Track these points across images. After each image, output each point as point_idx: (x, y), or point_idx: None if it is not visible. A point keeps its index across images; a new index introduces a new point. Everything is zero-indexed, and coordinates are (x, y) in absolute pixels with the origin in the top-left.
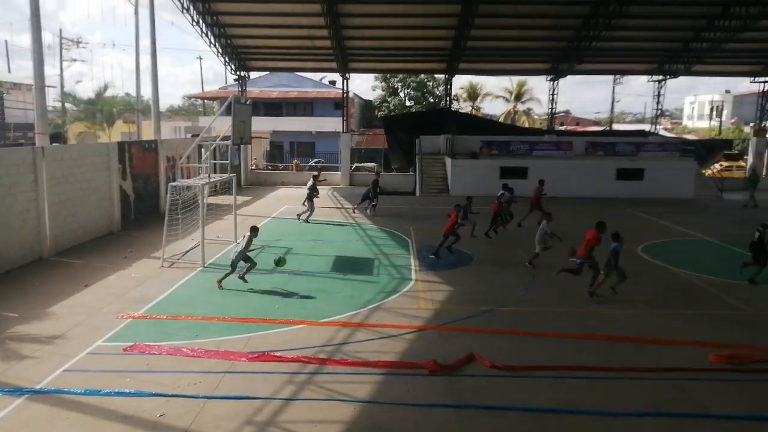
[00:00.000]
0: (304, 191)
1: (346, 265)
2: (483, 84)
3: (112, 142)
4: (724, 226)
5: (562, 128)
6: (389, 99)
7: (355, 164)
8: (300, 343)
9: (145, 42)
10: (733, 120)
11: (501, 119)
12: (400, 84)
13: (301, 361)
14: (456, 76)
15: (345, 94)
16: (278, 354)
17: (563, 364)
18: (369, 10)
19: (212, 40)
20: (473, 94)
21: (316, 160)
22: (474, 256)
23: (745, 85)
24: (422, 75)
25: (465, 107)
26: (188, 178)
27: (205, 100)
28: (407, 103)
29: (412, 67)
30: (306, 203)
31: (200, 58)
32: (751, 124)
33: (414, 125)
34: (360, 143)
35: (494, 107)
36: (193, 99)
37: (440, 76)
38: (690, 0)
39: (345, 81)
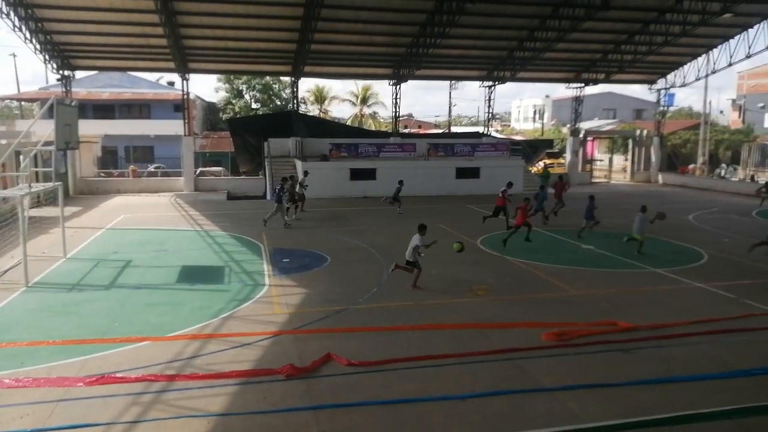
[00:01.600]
0: (144, 199)
1: (194, 275)
2: (330, 87)
3: None
4: (549, 217)
5: (406, 131)
6: (234, 101)
7: (200, 169)
8: (145, 361)
9: None
10: (553, 122)
11: (349, 122)
12: (245, 86)
13: (147, 379)
14: (302, 78)
15: (185, 96)
16: (120, 375)
17: (414, 354)
18: (208, 8)
19: (28, 36)
20: (320, 97)
21: (155, 165)
22: (329, 256)
23: (561, 90)
24: (268, 77)
25: (313, 110)
26: (4, 188)
27: (23, 102)
28: (253, 106)
29: (257, 68)
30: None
31: (14, 55)
32: (568, 125)
33: (262, 128)
34: (204, 147)
35: (342, 110)
36: (7, 101)
37: (286, 79)
38: (513, 13)
39: (185, 82)
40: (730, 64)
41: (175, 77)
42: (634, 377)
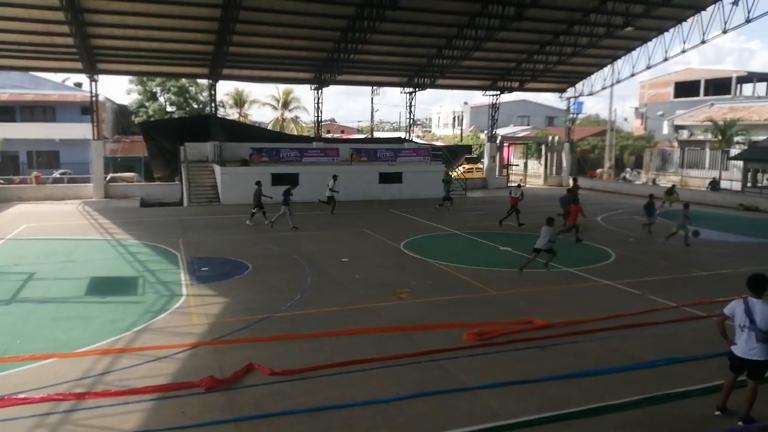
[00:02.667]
0: (49, 207)
1: (105, 287)
2: (250, 91)
3: None
4: (468, 220)
5: (329, 135)
6: (147, 104)
7: (111, 175)
8: (51, 380)
9: None
10: (471, 128)
11: (270, 126)
12: (159, 88)
13: (54, 399)
14: (220, 81)
15: (94, 98)
16: (23, 396)
17: (339, 360)
18: (118, 6)
19: None
20: (240, 101)
21: (61, 171)
22: (250, 264)
23: (479, 97)
24: (184, 79)
25: (232, 114)
26: None
27: None
28: (168, 109)
29: (172, 70)
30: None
31: None
32: (485, 132)
33: (178, 132)
34: (115, 151)
35: (262, 114)
36: None
37: (203, 82)
38: (432, 21)
39: (93, 83)
40: (633, 75)
41: (82, 78)
42: (550, 373)
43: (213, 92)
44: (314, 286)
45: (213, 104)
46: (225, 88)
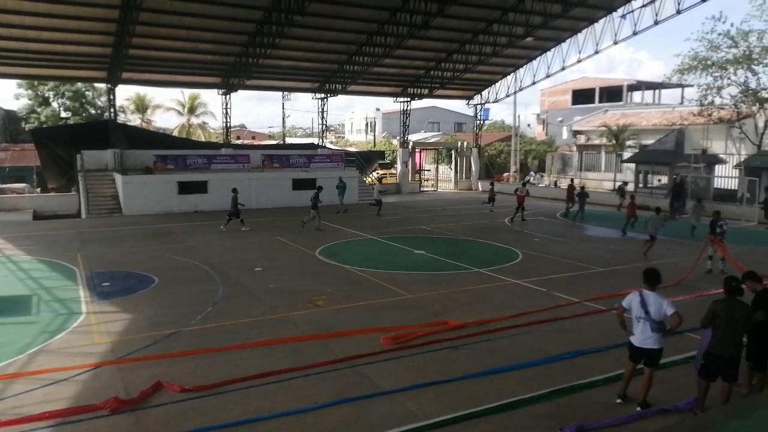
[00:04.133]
0: None
1: None
2: (153, 96)
3: None
4: (383, 225)
5: (239, 142)
6: (39, 109)
7: None
8: None
9: None
10: (384, 134)
11: (175, 132)
12: (52, 93)
13: None
14: (120, 86)
15: None
16: None
17: (254, 373)
18: (2, 4)
19: None
20: (142, 106)
21: None
22: (156, 277)
23: (390, 104)
24: (79, 83)
25: (134, 120)
26: None
27: None
28: (63, 115)
29: (66, 74)
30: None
31: None
32: (398, 137)
33: (74, 139)
34: (3, 161)
35: (167, 120)
36: None
37: (101, 86)
38: (342, 28)
39: None
40: (534, 83)
41: None
42: (465, 372)
43: (112, 97)
44: (226, 297)
45: (112, 110)
46: (125, 93)
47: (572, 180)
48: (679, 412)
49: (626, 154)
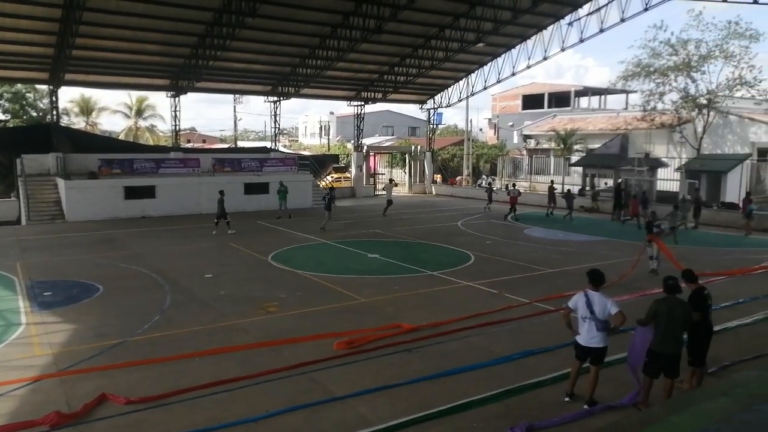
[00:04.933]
0: None
1: None
2: (99, 98)
3: None
4: (337, 229)
5: (189, 145)
6: None
7: None
8: None
9: None
10: (338, 137)
11: (122, 136)
12: None
13: None
14: (63, 87)
15: None
16: None
17: (203, 382)
18: None
19: None
20: (87, 109)
21: None
22: (101, 285)
23: (344, 107)
24: (19, 85)
25: (78, 123)
26: None
27: None
28: (2, 117)
29: (5, 74)
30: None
31: None
32: (352, 141)
33: (13, 143)
34: None
35: (114, 123)
36: None
37: (43, 87)
38: (294, 30)
39: None
40: (485, 88)
41: None
42: (418, 374)
43: (54, 99)
44: (175, 305)
45: (55, 112)
46: (69, 95)
47: (552, 182)
48: (624, 408)
49: (574, 158)
